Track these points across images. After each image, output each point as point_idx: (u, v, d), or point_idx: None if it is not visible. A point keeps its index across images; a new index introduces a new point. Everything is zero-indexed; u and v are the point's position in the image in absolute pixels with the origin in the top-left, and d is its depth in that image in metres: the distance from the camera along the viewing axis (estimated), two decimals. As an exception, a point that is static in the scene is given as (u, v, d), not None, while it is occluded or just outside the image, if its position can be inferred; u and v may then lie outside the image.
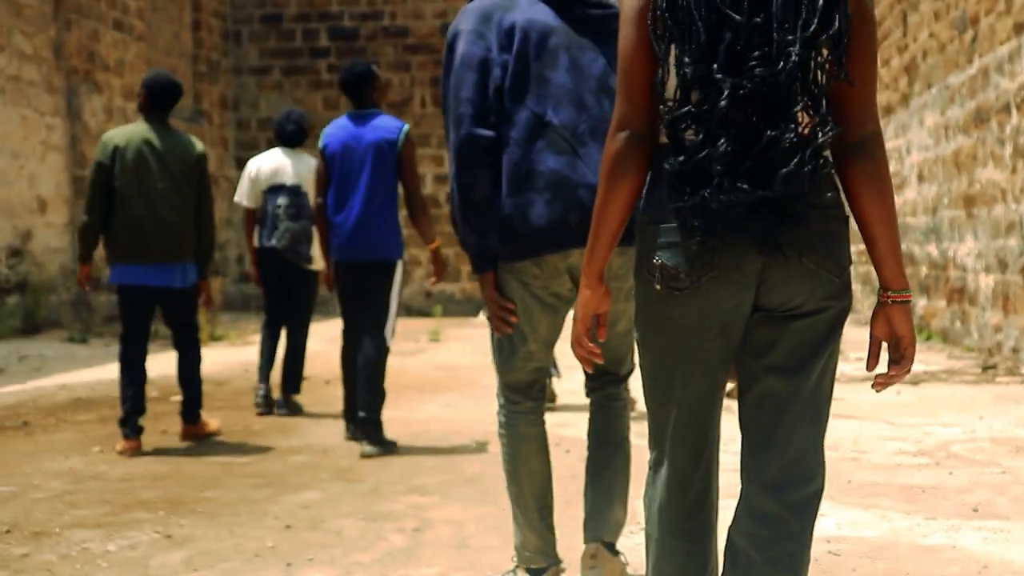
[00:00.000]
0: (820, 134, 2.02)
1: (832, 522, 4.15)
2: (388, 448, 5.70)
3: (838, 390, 7.76)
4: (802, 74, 2.00)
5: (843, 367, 8.88)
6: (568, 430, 5.71)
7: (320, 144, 5.91)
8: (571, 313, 2.72)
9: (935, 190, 11.10)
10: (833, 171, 2.14)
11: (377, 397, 5.72)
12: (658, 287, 2.13)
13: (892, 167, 13.01)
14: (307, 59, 17.38)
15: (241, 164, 17.28)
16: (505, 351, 3.21)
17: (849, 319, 2.32)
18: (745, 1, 2.00)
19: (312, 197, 6.68)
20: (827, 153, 2.08)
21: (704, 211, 2.02)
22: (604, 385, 3.35)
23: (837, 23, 2.02)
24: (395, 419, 6.52)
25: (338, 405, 6.80)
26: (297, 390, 7.08)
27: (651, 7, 2.09)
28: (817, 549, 3.81)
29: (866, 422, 6.37)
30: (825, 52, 2.03)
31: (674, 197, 2.07)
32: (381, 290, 5.78)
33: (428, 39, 17.14)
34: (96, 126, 13.53)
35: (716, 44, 2.00)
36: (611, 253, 2.24)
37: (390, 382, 6.09)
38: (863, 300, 14.47)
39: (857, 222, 2.17)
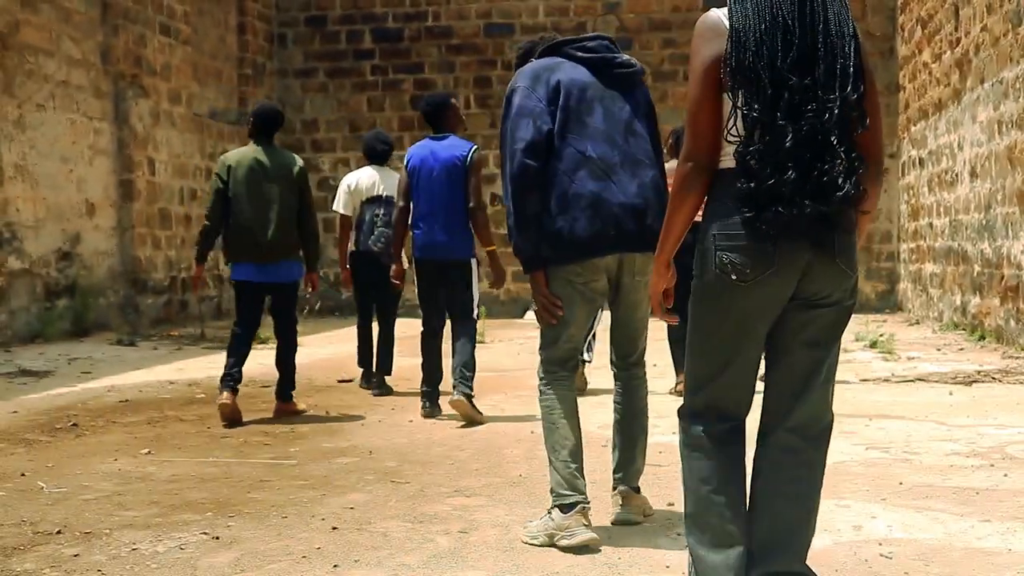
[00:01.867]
0: (859, 166, 2.75)
1: (884, 524, 4.10)
2: (478, 417, 6.60)
3: (889, 391, 7.64)
4: (839, 124, 2.71)
5: (894, 367, 8.77)
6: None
7: (405, 159, 6.91)
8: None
9: (988, 187, 10.93)
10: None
11: (471, 370, 6.64)
12: (732, 278, 2.78)
13: (944, 164, 12.82)
14: (351, 61, 17.44)
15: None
16: (552, 335, 4.09)
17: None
18: (797, 67, 2.70)
19: None
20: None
21: (776, 222, 2.69)
22: (628, 367, 4.24)
23: (861, 88, 2.76)
24: (441, 421, 6.50)
25: (380, 406, 6.95)
26: (389, 372, 8.11)
27: (721, 66, 2.76)
28: (869, 551, 3.76)
29: (918, 423, 6.28)
30: (852, 108, 2.74)
31: (748, 212, 2.72)
32: (464, 283, 6.83)
33: (472, 39, 17.13)
34: (143, 130, 13.67)
35: (778, 98, 2.69)
36: (678, 245, 2.96)
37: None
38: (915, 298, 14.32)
39: None
